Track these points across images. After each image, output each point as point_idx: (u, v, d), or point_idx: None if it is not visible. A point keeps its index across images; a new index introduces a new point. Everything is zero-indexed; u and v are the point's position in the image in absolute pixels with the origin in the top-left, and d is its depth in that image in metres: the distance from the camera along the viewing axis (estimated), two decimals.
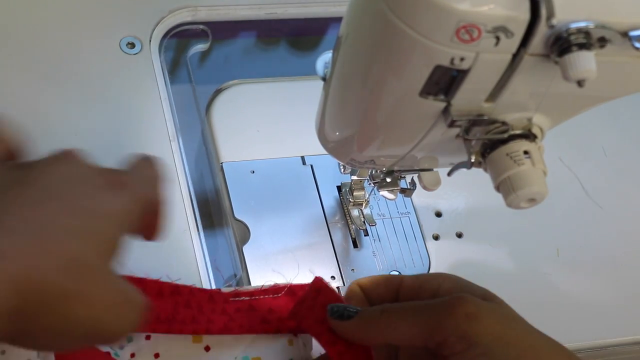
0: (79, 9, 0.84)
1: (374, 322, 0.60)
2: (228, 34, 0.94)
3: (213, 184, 0.83)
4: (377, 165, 0.68)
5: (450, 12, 0.48)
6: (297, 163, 0.82)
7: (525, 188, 0.55)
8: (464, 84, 0.52)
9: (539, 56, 0.50)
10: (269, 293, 0.66)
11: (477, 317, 0.57)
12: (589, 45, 0.49)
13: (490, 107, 0.55)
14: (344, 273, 0.76)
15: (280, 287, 0.67)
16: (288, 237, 0.77)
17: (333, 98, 0.62)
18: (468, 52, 0.50)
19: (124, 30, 0.84)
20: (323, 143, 0.68)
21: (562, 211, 0.77)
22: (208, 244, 0.77)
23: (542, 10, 0.48)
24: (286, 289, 0.67)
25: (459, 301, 0.58)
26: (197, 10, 0.88)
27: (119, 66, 0.82)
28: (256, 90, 0.87)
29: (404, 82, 0.54)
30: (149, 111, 0.80)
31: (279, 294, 0.67)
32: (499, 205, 0.58)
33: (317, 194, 0.80)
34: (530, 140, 0.57)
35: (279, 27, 0.95)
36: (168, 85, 0.84)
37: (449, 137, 0.58)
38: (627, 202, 0.87)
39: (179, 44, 0.90)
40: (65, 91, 0.79)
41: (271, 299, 0.66)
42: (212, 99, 0.85)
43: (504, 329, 0.57)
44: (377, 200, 0.81)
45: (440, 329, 0.57)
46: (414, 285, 0.64)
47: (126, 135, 0.78)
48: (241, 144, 0.82)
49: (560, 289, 0.80)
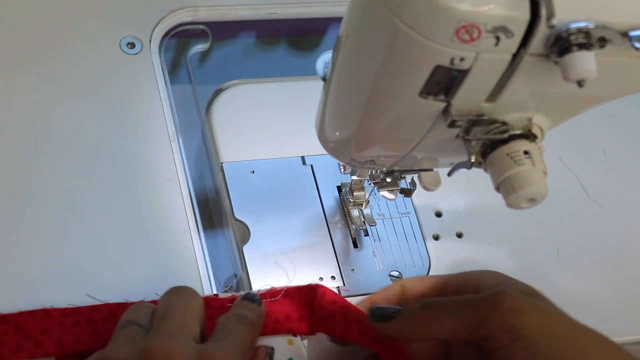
0: (79, 9, 0.84)
1: (416, 318, 0.61)
2: (228, 34, 0.94)
3: (213, 184, 0.83)
4: (377, 165, 0.68)
5: (450, 12, 0.48)
6: (297, 163, 0.82)
7: (526, 188, 0.55)
8: (464, 84, 0.52)
9: (539, 56, 0.50)
10: (266, 297, 0.66)
11: (521, 311, 0.57)
12: (589, 45, 0.49)
13: (490, 107, 0.55)
14: (344, 273, 0.76)
15: (277, 291, 0.67)
16: (288, 237, 0.77)
17: (333, 98, 0.62)
18: (468, 52, 0.50)
19: (124, 30, 0.84)
20: (323, 143, 0.68)
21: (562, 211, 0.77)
22: (208, 244, 0.77)
23: (542, 10, 0.48)
24: (283, 292, 0.67)
25: (503, 296, 0.58)
26: (197, 10, 0.88)
27: (119, 66, 0.82)
28: (256, 90, 0.87)
29: (404, 82, 0.54)
30: (149, 111, 0.80)
31: (276, 298, 0.67)
32: (499, 205, 0.58)
33: (317, 194, 0.80)
34: (530, 140, 0.57)
35: (279, 27, 0.95)
36: (168, 85, 0.84)
37: (449, 137, 0.58)
38: (627, 202, 0.87)
39: (179, 44, 0.90)
40: (65, 91, 0.79)
41: (268, 302, 0.66)
42: (212, 99, 0.85)
43: (548, 322, 0.58)
44: (377, 200, 0.81)
45: (486, 323, 0.58)
46: (458, 284, 0.65)
47: (126, 135, 0.78)
48: (241, 144, 0.82)
49: (560, 289, 0.80)
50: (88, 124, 0.78)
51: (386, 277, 0.76)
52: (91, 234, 0.72)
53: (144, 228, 0.74)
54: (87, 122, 0.78)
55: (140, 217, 0.74)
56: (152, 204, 0.75)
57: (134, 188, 0.75)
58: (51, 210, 0.72)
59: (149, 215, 0.74)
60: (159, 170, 0.77)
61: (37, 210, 0.72)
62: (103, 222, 0.73)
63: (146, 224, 0.74)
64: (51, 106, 0.78)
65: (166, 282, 0.68)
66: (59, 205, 0.72)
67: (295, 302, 0.67)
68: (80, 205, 0.72)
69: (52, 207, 0.72)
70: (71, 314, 0.65)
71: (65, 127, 0.77)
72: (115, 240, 0.72)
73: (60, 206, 0.72)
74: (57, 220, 0.72)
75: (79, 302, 0.66)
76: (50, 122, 0.77)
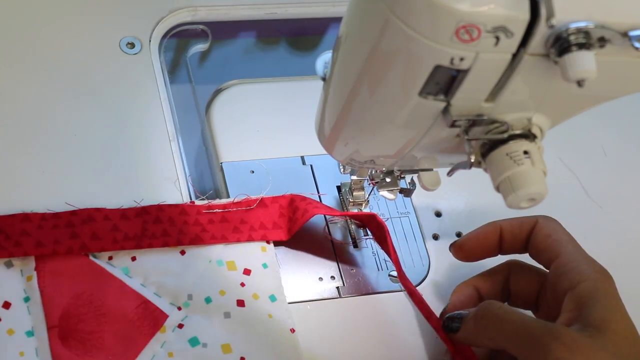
0: (79, 9, 0.84)
1: (476, 333, 0.65)
2: (228, 34, 0.94)
3: (213, 184, 0.83)
4: (377, 165, 0.68)
5: (450, 12, 0.48)
6: (296, 163, 0.82)
7: (525, 188, 0.55)
8: (464, 84, 0.52)
9: (539, 56, 0.50)
10: (242, 206, 0.72)
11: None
12: (588, 45, 0.49)
13: (490, 107, 0.55)
14: (343, 273, 0.76)
15: (252, 200, 0.73)
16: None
17: (333, 98, 0.62)
18: (468, 52, 0.50)
19: (124, 30, 0.84)
20: (323, 143, 0.68)
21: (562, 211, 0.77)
22: None
23: (542, 10, 0.48)
24: (258, 201, 0.73)
25: (554, 342, 0.58)
26: (197, 10, 0.88)
27: (119, 66, 0.82)
28: (256, 90, 0.87)
29: (404, 82, 0.54)
30: (149, 111, 0.80)
31: (252, 207, 0.72)
32: (499, 205, 0.58)
33: (316, 194, 0.80)
34: (530, 140, 0.57)
35: (279, 27, 0.95)
36: (168, 85, 0.84)
37: (448, 136, 0.58)
38: (627, 202, 0.87)
39: (178, 44, 0.90)
40: (65, 91, 0.79)
41: (243, 211, 0.72)
42: (212, 99, 0.85)
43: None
44: (377, 200, 0.80)
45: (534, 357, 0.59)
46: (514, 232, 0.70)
47: (126, 135, 0.78)
48: (241, 144, 0.82)
49: None
50: (88, 123, 0.78)
51: (386, 277, 0.76)
52: None
53: None
54: (87, 122, 0.78)
55: None
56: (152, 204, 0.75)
57: (134, 188, 0.75)
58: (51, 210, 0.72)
59: None
60: (159, 170, 0.77)
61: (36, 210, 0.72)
62: None
63: None
64: (51, 106, 0.78)
65: None
66: (59, 206, 0.72)
67: (269, 211, 0.73)
68: (80, 206, 0.72)
69: (52, 207, 0.72)
70: (50, 218, 0.69)
71: (65, 127, 0.77)
72: None
73: (60, 206, 0.72)
74: None
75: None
76: (50, 122, 0.77)
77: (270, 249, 0.73)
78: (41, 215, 0.69)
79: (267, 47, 0.97)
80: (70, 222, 0.70)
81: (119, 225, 0.70)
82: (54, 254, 0.68)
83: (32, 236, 0.68)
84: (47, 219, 0.69)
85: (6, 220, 0.68)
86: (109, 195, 0.74)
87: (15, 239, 0.68)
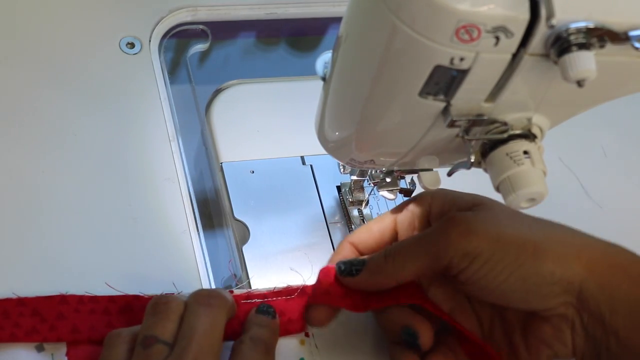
0: (78, 9, 0.84)
1: (382, 269, 0.63)
2: (228, 34, 0.94)
3: (213, 184, 0.83)
4: (377, 165, 0.68)
5: (450, 12, 0.48)
6: (296, 163, 0.82)
7: (525, 188, 0.55)
8: (464, 84, 0.52)
9: (539, 56, 0.50)
10: (282, 295, 0.66)
11: (469, 232, 0.60)
12: (588, 45, 0.49)
13: (490, 107, 0.55)
14: None
15: (294, 289, 0.67)
16: (288, 237, 0.77)
17: (333, 98, 0.62)
18: (468, 52, 0.50)
19: (124, 30, 0.84)
20: (323, 143, 0.68)
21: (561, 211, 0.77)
22: (208, 244, 0.77)
23: (541, 10, 0.48)
24: (299, 290, 0.67)
25: (449, 223, 0.60)
26: (197, 10, 0.88)
27: (119, 66, 0.82)
28: (256, 90, 0.87)
29: (404, 82, 0.54)
30: (148, 111, 0.80)
31: (292, 296, 0.66)
32: None
33: (316, 194, 0.80)
34: (530, 140, 0.57)
35: (279, 27, 0.95)
36: (168, 85, 0.84)
37: (448, 136, 0.58)
38: (627, 202, 0.87)
39: (178, 44, 0.90)
40: (64, 91, 0.79)
41: (284, 300, 0.66)
42: (211, 99, 0.85)
43: (498, 232, 0.60)
44: (377, 200, 0.80)
45: (442, 255, 0.60)
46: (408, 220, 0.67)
47: (126, 135, 0.78)
48: (241, 144, 0.82)
49: None
50: (88, 123, 0.78)
51: None
52: (91, 233, 0.72)
53: (144, 228, 0.73)
54: (87, 122, 0.78)
55: (140, 217, 0.74)
56: (151, 204, 0.75)
57: (133, 188, 0.75)
58: (51, 210, 0.72)
59: (149, 215, 0.74)
60: (158, 170, 0.77)
61: (37, 210, 0.72)
62: (103, 222, 0.73)
63: (146, 223, 0.74)
64: (51, 106, 0.78)
65: (166, 282, 0.68)
66: (59, 205, 0.72)
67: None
68: (80, 205, 0.72)
69: (52, 207, 0.72)
70: (88, 301, 0.66)
71: (65, 127, 0.77)
72: (115, 240, 0.72)
73: (60, 206, 0.72)
74: (57, 220, 0.72)
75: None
76: (50, 122, 0.77)
77: (309, 342, 0.67)
78: (79, 298, 0.66)
79: (267, 47, 0.97)
80: (108, 309, 0.66)
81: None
82: (88, 341, 0.65)
83: (68, 320, 0.64)
84: (85, 302, 0.65)
85: (43, 302, 0.65)
86: (109, 195, 0.74)
87: (51, 322, 0.64)
